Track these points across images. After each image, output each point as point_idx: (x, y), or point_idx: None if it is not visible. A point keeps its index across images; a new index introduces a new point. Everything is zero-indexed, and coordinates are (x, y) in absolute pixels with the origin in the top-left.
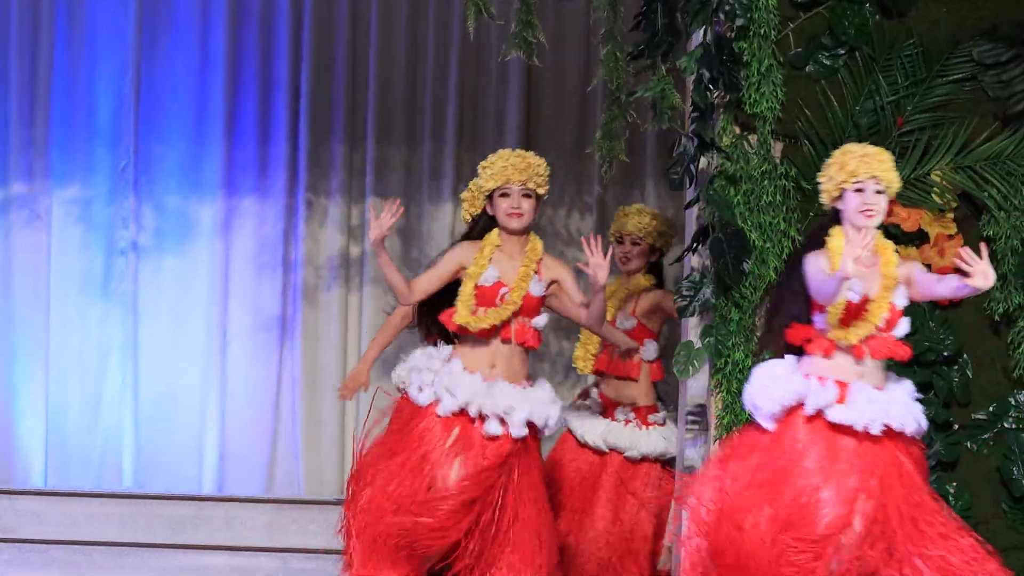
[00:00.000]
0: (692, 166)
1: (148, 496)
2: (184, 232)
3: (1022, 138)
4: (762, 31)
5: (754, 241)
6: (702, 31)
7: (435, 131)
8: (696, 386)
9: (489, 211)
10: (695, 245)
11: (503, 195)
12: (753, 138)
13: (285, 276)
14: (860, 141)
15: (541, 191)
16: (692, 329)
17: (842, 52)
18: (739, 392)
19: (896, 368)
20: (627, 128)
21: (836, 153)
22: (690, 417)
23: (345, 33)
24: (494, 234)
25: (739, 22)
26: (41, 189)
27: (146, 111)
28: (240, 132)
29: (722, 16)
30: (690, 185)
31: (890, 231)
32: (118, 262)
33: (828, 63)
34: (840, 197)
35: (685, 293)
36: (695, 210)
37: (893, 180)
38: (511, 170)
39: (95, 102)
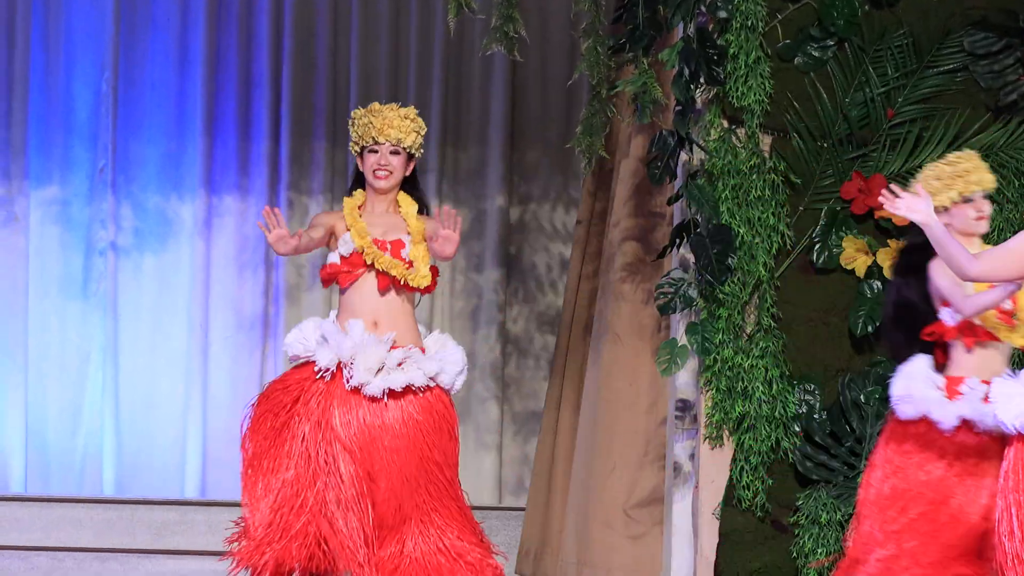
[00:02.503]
0: (671, 161)
1: (130, 501)
2: (164, 231)
3: (1014, 129)
4: (749, 23)
5: (743, 236)
6: (685, 24)
7: None
8: (682, 382)
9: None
10: (676, 241)
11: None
12: (741, 132)
13: (267, 275)
14: (850, 134)
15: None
16: (677, 326)
17: (831, 43)
18: (728, 390)
19: None
20: (608, 123)
21: (948, 163)
22: (676, 413)
23: (327, 30)
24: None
25: (721, 15)
26: (18, 190)
27: (125, 109)
28: (221, 130)
29: (704, 9)
30: (671, 180)
31: (881, 224)
32: (97, 263)
33: (817, 55)
34: (953, 206)
35: (665, 290)
36: (680, 205)
37: (992, 182)
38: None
39: (73, 101)
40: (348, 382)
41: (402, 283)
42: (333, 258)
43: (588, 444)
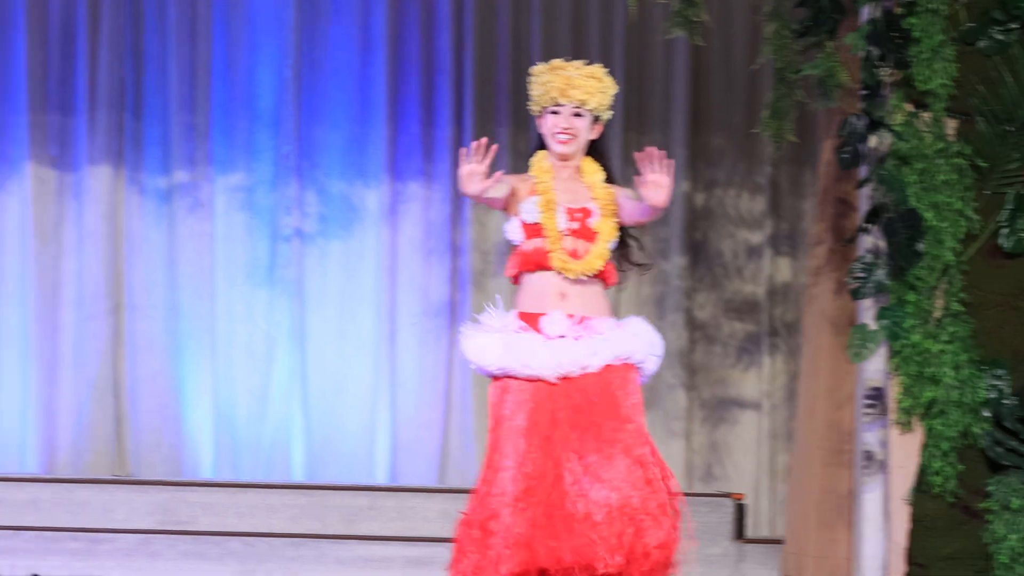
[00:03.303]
0: (861, 145)
1: (322, 487)
2: (349, 218)
3: None
4: (932, 6)
5: (929, 221)
6: (870, 7)
7: None
8: (872, 369)
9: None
10: (866, 226)
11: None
12: (926, 116)
13: (453, 261)
14: None
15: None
16: (866, 311)
17: (1015, 27)
18: (918, 375)
19: None
20: (796, 107)
21: None
22: (866, 401)
23: (508, 14)
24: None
25: None
26: (203, 176)
27: (308, 95)
28: (404, 116)
29: None
30: (860, 164)
31: None
32: (283, 249)
33: (1001, 38)
34: None
35: (858, 275)
36: (867, 190)
37: None
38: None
39: (256, 87)
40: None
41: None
42: (513, 228)
43: (797, 435)
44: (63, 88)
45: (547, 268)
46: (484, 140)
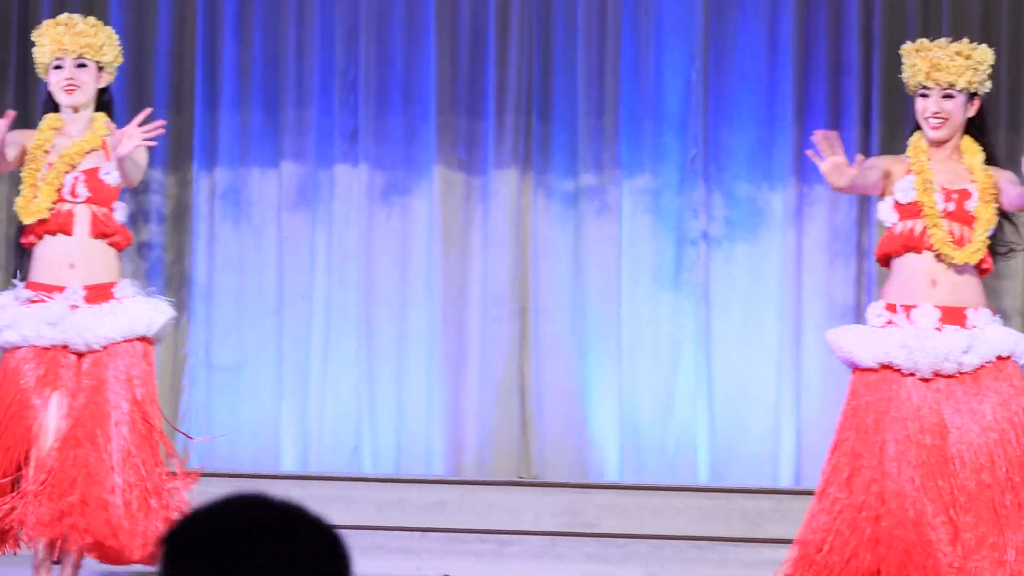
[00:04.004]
0: None
1: (726, 489)
2: (755, 221)
3: None
4: None
5: None
6: None
7: None
8: None
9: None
10: None
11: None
12: None
13: (859, 264)
14: None
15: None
16: None
17: None
18: None
19: None
20: None
21: None
22: None
23: (916, 18)
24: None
25: None
26: (610, 179)
27: (715, 98)
28: (811, 118)
29: None
30: None
31: None
32: (689, 252)
33: None
34: None
35: None
36: None
37: None
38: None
39: (663, 90)
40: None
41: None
42: (885, 209)
43: None
44: (472, 91)
45: (917, 250)
46: (831, 133)
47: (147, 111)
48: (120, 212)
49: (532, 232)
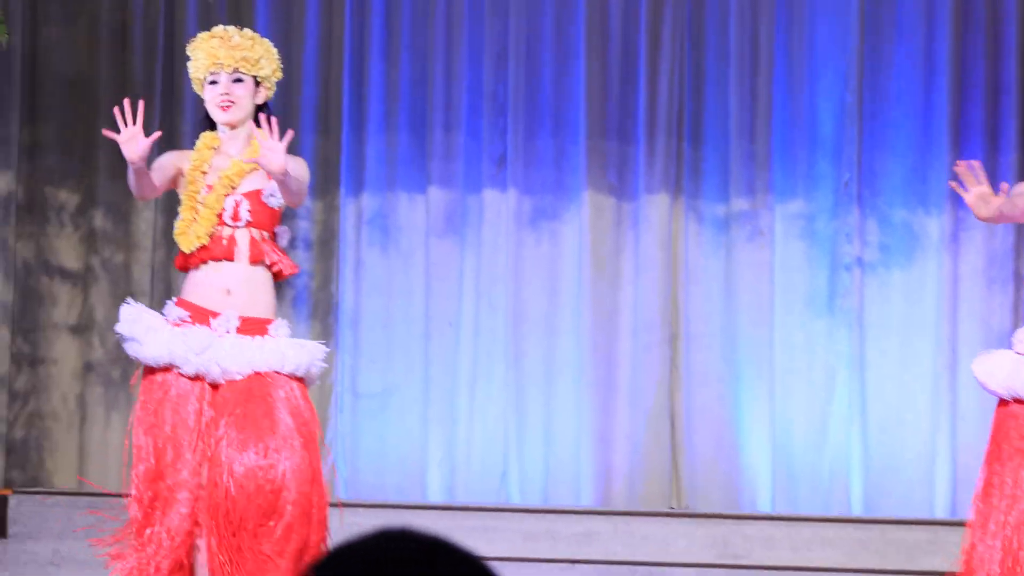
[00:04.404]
0: None
1: (880, 521)
2: (910, 246)
3: None
4: None
5: None
6: None
7: None
8: None
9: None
10: None
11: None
12: None
13: (1016, 291)
14: None
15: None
16: None
17: None
18: None
19: None
20: None
21: None
22: None
23: None
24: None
25: None
26: (763, 204)
27: (869, 122)
28: (967, 141)
29: None
30: None
31: None
32: (843, 278)
33: None
34: None
35: None
36: None
37: None
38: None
39: (816, 113)
40: None
41: None
42: None
43: None
44: (622, 114)
45: None
46: (975, 163)
47: (290, 134)
48: (282, 237)
49: (683, 258)
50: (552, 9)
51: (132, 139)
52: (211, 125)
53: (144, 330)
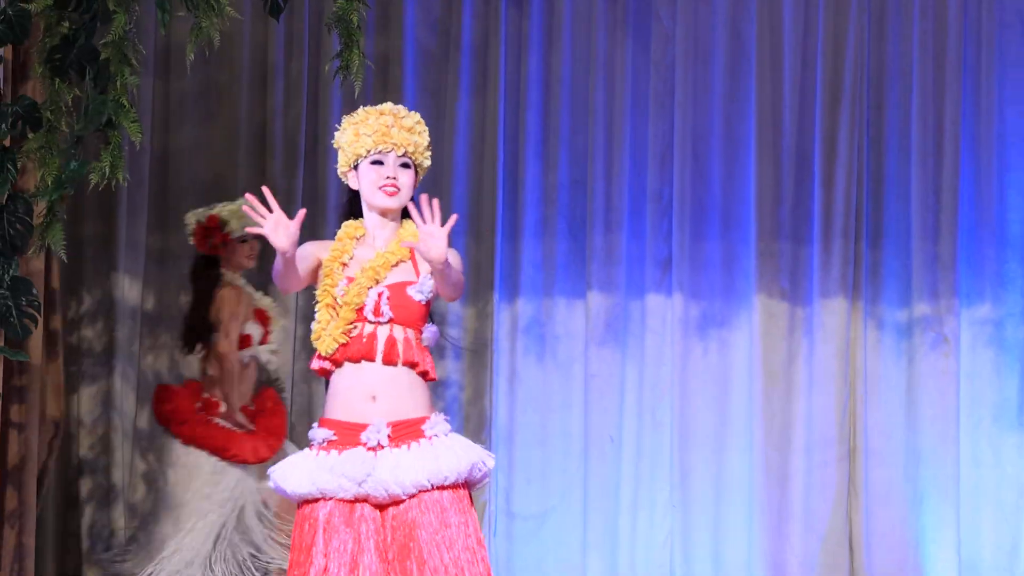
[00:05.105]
0: None
1: None
2: None
3: None
4: None
5: None
6: None
7: None
8: None
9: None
10: None
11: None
12: None
13: None
14: None
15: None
16: None
17: None
18: None
19: None
20: None
21: None
22: None
23: None
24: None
25: None
26: (947, 309)
27: None
28: None
29: None
30: None
31: None
32: None
33: None
34: None
35: None
36: None
37: None
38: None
39: (1006, 210)
40: None
41: None
42: None
43: None
44: (795, 215)
45: None
46: None
47: (453, 218)
48: (428, 335)
49: (862, 367)
50: (720, 103)
51: (278, 225)
52: (353, 213)
53: (286, 470)
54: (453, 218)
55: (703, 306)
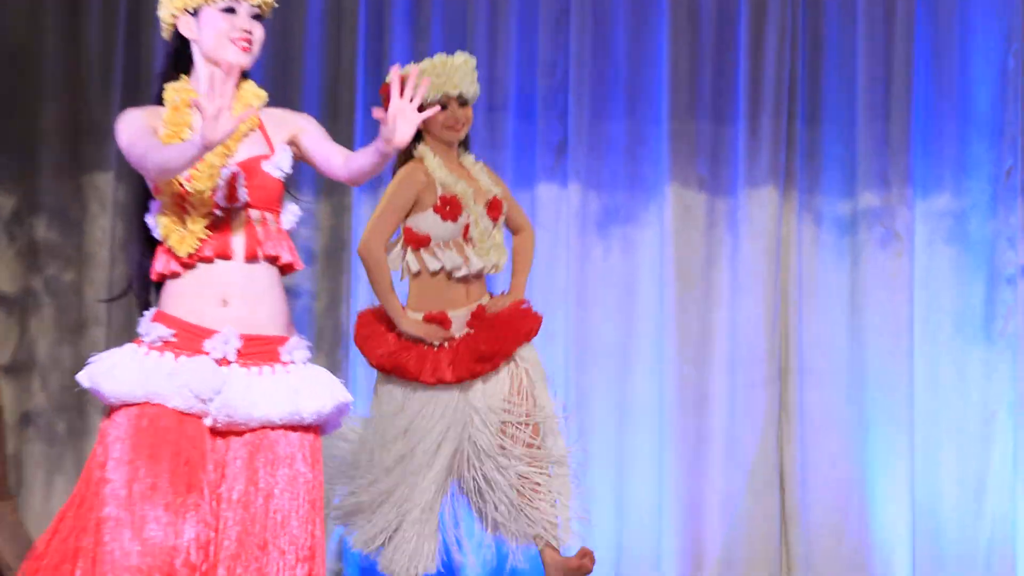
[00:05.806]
0: None
1: None
2: None
3: None
4: None
5: None
6: None
7: None
8: None
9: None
10: None
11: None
12: None
13: None
14: None
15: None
16: None
17: None
18: None
19: None
20: None
21: None
22: None
23: None
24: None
25: None
26: (899, 200)
27: None
28: None
29: None
30: None
31: None
32: (1004, 294)
33: None
34: None
35: None
36: None
37: None
38: None
39: (970, 83)
40: None
41: None
42: None
43: None
44: (716, 89)
45: None
46: None
47: (425, 83)
48: (292, 217)
49: (795, 269)
50: None
51: (220, 113)
52: (176, 73)
53: (108, 368)
54: (425, 83)
55: (604, 198)
